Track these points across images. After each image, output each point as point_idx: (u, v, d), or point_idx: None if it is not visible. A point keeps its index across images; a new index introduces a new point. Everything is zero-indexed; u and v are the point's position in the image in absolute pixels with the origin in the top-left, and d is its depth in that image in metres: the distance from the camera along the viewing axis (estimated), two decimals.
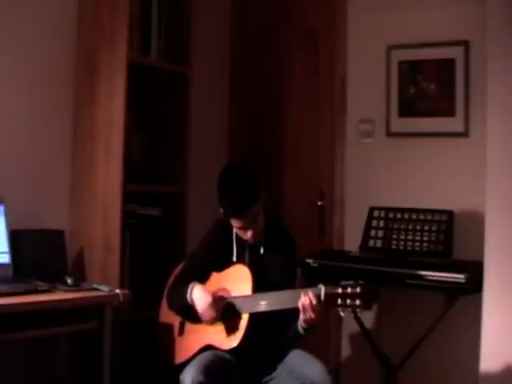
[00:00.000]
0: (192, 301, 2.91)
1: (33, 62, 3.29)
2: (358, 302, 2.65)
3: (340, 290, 2.67)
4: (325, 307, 2.73)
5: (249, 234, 2.96)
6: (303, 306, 2.74)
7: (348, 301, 2.66)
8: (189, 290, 2.92)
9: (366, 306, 2.66)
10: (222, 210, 2.96)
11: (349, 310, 2.68)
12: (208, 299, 2.86)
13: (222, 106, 4.39)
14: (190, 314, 2.95)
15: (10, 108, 3.21)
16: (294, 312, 2.79)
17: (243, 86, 4.41)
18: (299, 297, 2.74)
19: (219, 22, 4.36)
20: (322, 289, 2.71)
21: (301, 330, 2.84)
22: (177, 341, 3.05)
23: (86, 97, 3.40)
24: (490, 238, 3.27)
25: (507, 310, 3.21)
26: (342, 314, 2.71)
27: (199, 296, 2.90)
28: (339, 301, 2.67)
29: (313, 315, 2.74)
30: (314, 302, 2.71)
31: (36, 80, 3.31)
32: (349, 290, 2.66)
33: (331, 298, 2.69)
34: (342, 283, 2.68)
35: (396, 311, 3.81)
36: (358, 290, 2.65)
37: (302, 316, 2.77)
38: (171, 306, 3.04)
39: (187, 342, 3.00)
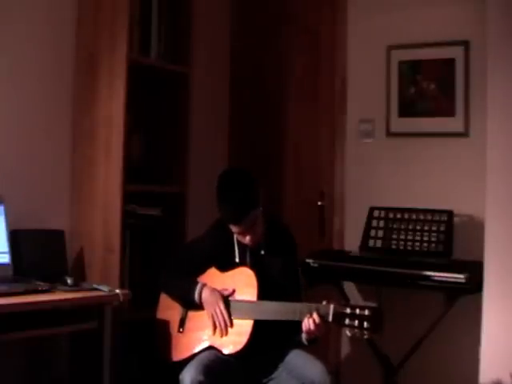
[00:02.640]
0: (201, 302, 2.94)
1: (33, 63, 3.29)
2: (365, 324, 2.66)
3: (348, 310, 2.69)
4: (332, 325, 2.74)
5: (247, 239, 2.97)
6: (307, 330, 2.76)
7: (356, 322, 2.67)
8: (197, 289, 2.94)
9: (373, 329, 2.67)
10: (222, 217, 2.99)
11: (356, 331, 2.68)
12: (222, 310, 2.89)
13: (222, 106, 4.39)
14: (187, 304, 3.00)
15: (11, 108, 3.21)
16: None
17: (243, 86, 4.41)
18: (306, 312, 2.75)
19: (219, 22, 4.36)
20: (331, 307, 2.73)
21: (305, 342, 2.86)
22: (176, 337, 3.04)
23: (86, 97, 3.40)
24: (490, 238, 3.26)
25: (507, 310, 3.20)
26: (348, 333, 2.72)
27: (210, 301, 2.92)
28: (347, 321, 2.69)
29: (317, 334, 2.77)
30: (318, 323, 2.73)
31: (36, 80, 3.31)
32: (357, 311, 2.68)
33: (339, 317, 2.71)
34: (351, 304, 2.69)
35: (396, 311, 3.80)
36: (367, 312, 2.67)
37: (305, 335, 2.80)
38: (168, 292, 3.08)
39: (187, 340, 3.00)
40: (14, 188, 3.15)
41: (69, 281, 3.01)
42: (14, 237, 3.07)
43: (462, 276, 3.25)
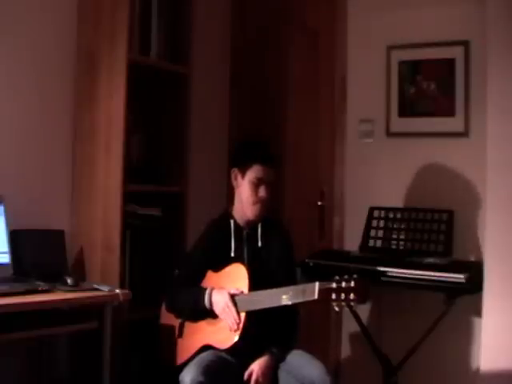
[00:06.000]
0: (211, 307, 2.91)
1: (33, 62, 3.29)
2: (352, 296, 2.64)
3: (334, 285, 2.66)
4: (319, 303, 2.73)
5: (262, 192, 2.99)
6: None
7: (342, 295, 2.65)
8: (206, 295, 2.91)
9: (360, 299, 2.66)
10: (248, 159, 3.03)
11: (343, 304, 2.67)
12: (231, 309, 2.86)
13: (222, 106, 4.39)
14: (196, 315, 2.97)
15: (10, 108, 3.21)
16: (290, 308, 2.81)
17: (243, 85, 4.41)
18: (294, 294, 2.75)
19: (219, 21, 4.36)
20: (316, 284, 2.70)
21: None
22: (177, 342, 3.04)
23: (86, 97, 3.40)
24: (490, 238, 3.27)
25: (507, 310, 3.21)
26: (336, 308, 2.69)
27: (218, 302, 2.89)
28: (333, 295, 2.66)
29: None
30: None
31: (36, 80, 3.31)
32: (343, 284, 2.65)
33: (325, 293, 2.67)
34: (336, 278, 2.67)
35: (396, 311, 3.81)
36: (352, 284, 2.64)
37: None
38: (174, 309, 3.04)
39: (187, 344, 3.00)
40: (14, 188, 3.15)
41: (69, 281, 3.01)
42: (14, 237, 3.07)
43: (461, 276, 3.25)
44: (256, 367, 2.84)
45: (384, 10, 3.96)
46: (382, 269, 3.43)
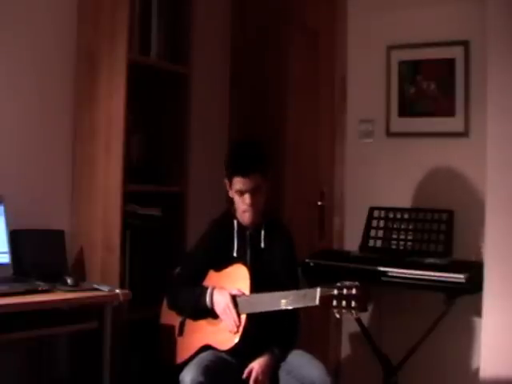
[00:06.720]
0: (212, 306, 2.91)
1: (33, 62, 3.29)
2: (353, 303, 2.64)
3: (335, 292, 2.66)
4: (320, 309, 2.73)
5: (247, 201, 2.96)
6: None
7: (343, 302, 2.65)
8: (208, 294, 2.91)
9: (361, 307, 2.66)
10: (229, 172, 3.00)
11: (344, 311, 2.66)
12: (231, 309, 2.85)
13: (222, 106, 4.39)
14: (197, 314, 2.97)
15: (10, 108, 3.21)
16: (290, 311, 2.80)
17: (243, 85, 4.41)
18: (295, 299, 2.75)
19: (219, 21, 4.36)
20: (318, 290, 2.70)
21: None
22: (177, 341, 3.04)
23: (86, 97, 3.40)
24: (490, 238, 3.26)
25: (507, 310, 3.21)
26: (337, 315, 2.69)
27: (219, 302, 2.89)
28: (334, 302, 2.66)
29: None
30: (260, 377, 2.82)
31: (36, 80, 3.31)
32: (344, 291, 2.65)
33: (326, 299, 2.68)
34: (338, 284, 2.67)
35: (396, 311, 3.81)
36: (354, 291, 2.65)
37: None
38: (176, 306, 3.04)
39: (187, 343, 3.00)
40: (15, 188, 3.15)
41: (69, 281, 3.01)
42: (14, 237, 3.07)
43: (461, 276, 3.25)
44: (256, 365, 2.84)
45: (384, 9, 3.96)
46: (382, 269, 3.43)
